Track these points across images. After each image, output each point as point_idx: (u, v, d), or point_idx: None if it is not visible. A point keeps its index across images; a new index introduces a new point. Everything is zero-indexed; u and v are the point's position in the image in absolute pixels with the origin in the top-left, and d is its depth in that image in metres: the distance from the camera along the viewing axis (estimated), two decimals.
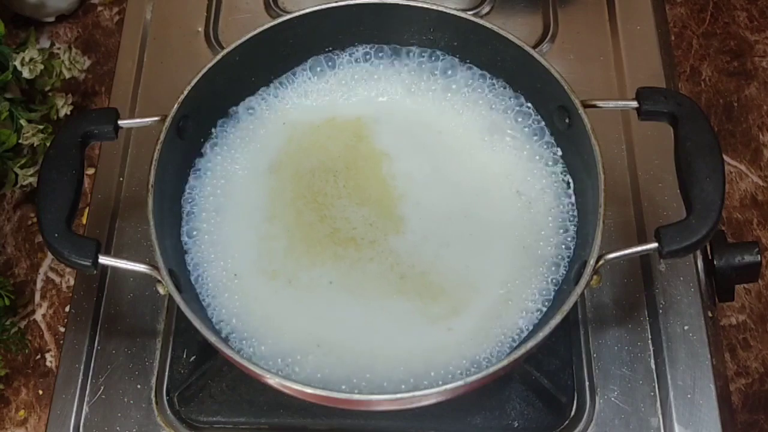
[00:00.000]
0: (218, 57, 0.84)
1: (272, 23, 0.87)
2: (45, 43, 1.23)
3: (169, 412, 0.87)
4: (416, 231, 0.83)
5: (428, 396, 0.71)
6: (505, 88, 0.90)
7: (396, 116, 0.90)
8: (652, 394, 0.86)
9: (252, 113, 0.91)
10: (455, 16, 0.86)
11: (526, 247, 0.83)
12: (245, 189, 0.87)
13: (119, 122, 0.82)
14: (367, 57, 0.92)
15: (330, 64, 0.92)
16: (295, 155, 0.88)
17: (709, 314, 0.90)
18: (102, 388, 0.88)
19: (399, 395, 0.71)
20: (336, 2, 0.87)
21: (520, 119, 0.88)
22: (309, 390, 0.71)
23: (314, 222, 0.84)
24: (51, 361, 1.02)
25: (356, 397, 0.72)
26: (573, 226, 0.83)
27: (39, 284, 1.07)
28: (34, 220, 1.10)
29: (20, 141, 1.06)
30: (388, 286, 0.81)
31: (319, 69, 0.92)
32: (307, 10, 0.87)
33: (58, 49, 1.13)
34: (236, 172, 0.88)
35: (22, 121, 1.06)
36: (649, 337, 0.89)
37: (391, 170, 0.86)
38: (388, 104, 0.90)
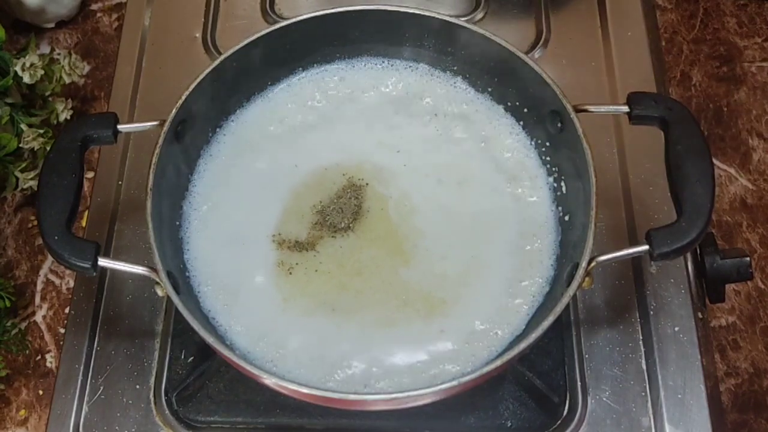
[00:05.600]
0: (215, 63, 0.85)
1: (269, 29, 0.87)
2: (45, 49, 1.24)
3: (167, 411, 0.88)
4: (423, 261, 0.84)
5: (423, 396, 0.72)
6: (493, 100, 0.91)
7: (394, 146, 0.91)
8: (643, 394, 0.87)
9: (252, 119, 0.92)
10: (449, 22, 0.87)
11: (521, 252, 0.85)
12: (246, 195, 0.88)
13: (118, 127, 0.83)
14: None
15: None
16: (294, 175, 0.89)
17: (699, 315, 0.91)
18: (101, 388, 0.89)
19: (394, 395, 0.72)
20: (332, 9, 0.88)
21: (510, 130, 0.90)
22: (305, 390, 0.72)
23: (324, 237, 0.86)
24: (51, 362, 1.03)
25: (352, 396, 0.72)
26: (565, 229, 0.84)
27: (39, 286, 1.08)
28: (35, 222, 1.11)
29: (21, 145, 1.07)
30: (390, 312, 0.82)
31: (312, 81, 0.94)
32: (303, 17, 0.88)
33: (58, 54, 1.13)
34: (236, 178, 0.89)
35: (23, 126, 1.07)
36: (641, 338, 0.89)
37: (397, 210, 0.87)
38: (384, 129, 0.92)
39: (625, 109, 0.81)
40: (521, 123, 0.90)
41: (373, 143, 0.90)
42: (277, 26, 0.88)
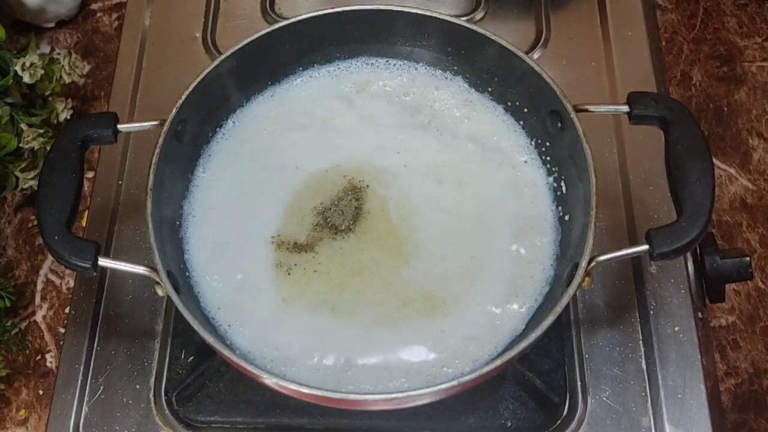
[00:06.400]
0: (216, 62, 0.85)
1: (269, 29, 0.88)
2: (45, 49, 1.24)
3: (167, 411, 0.88)
4: (424, 261, 0.84)
5: (422, 396, 0.72)
6: (493, 100, 0.91)
7: (395, 147, 0.90)
8: (643, 394, 0.87)
9: (252, 119, 0.92)
10: (449, 22, 0.88)
11: (521, 252, 0.85)
12: (246, 196, 0.88)
13: (118, 126, 0.83)
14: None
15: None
16: (295, 175, 0.89)
17: (699, 315, 0.91)
18: (101, 388, 0.89)
19: (394, 395, 0.72)
20: (331, 8, 0.88)
21: (510, 130, 0.90)
22: (305, 390, 0.72)
23: (324, 238, 0.86)
24: (51, 362, 1.03)
25: (352, 396, 0.73)
26: (565, 229, 0.84)
27: (39, 286, 1.08)
28: (35, 222, 1.11)
29: (21, 145, 1.07)
30: (391, 312, 0.82)
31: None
32: (303, 17, 0.88)
33: (58, 54, 1.13)
34: (236, 179, 0.89)
35: (23, 125, 1.07)
36: (640, 338, 0.90)
37: (397, 211, 0.87)
38: (386, 134, 0.92)
39: (625, 108, 0.82)
40: (521, 123, 0.90)
41: (373, 144, 0.90)
42: (277, 26, 0.88)
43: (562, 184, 0.86)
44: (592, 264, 0.75)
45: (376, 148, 0.90)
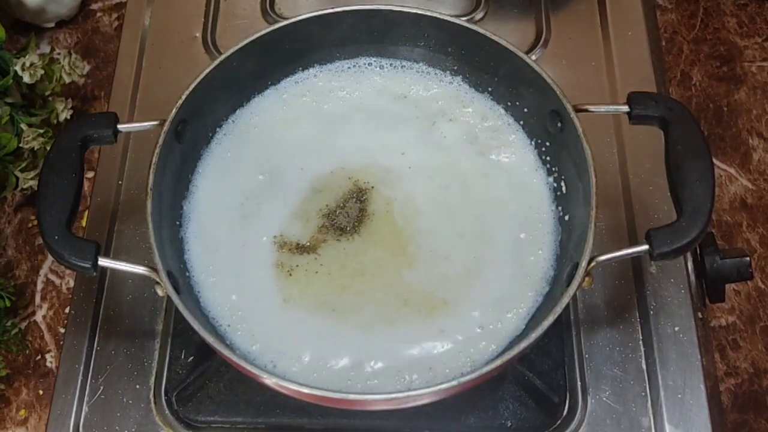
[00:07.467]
0: (216, 62, 0.85)
1: (269, 29, 0.88)
2: (45, 49, 1.24)
3: (167, 411, 0.88)
4: (426, 262, 0.84)
5: (422, 396, 0.72)
6: (493, 100, 0.91)
7: (399, 148, 0.90)
8: (643, 394, 0.87)
9: (253, 120, 0.92)
10: (449, 22, 0.88)
11: (521, 252, 0.85)
12: (247, 196, 0.88)
13: (118, 126, 0.83)
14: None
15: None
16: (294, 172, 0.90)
17: (699, 315, 0.91)
18: (101, 388, 0.89)
19: (394, 395, 0.72)
20: (331, 8, 0.88)
21: (510, 130, 0.90)
22: (305, 390, 0.72)
23: (328, 240, 0.86)
24: (51, 362, 1.03)
25: (351, 396, 0.73)
26: (565, 229, 0.84)
27: (39, 286, 1.08)
28: (35, 222, 1.11)
29: (21, 145, 1.07)
30: (391, 312, 0.82)
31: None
32: (303, 17, 0.88)
33: (58, 54, 1.13)
34: (237, 179, 0.89)
35: (23, 125, 1.07)
36: (641, 338, 0.89)
37: (402, 212, 0.87)
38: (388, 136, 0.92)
39: (625, 108, 0.82)
40: (521, 123, 0.91)
41: (377, 145, 0.90)
42: (277, 26, 0.88)
43: (562, 184, 0.86)
44: (592, 264, 0.75)
45: (380, 149, 0.90)
